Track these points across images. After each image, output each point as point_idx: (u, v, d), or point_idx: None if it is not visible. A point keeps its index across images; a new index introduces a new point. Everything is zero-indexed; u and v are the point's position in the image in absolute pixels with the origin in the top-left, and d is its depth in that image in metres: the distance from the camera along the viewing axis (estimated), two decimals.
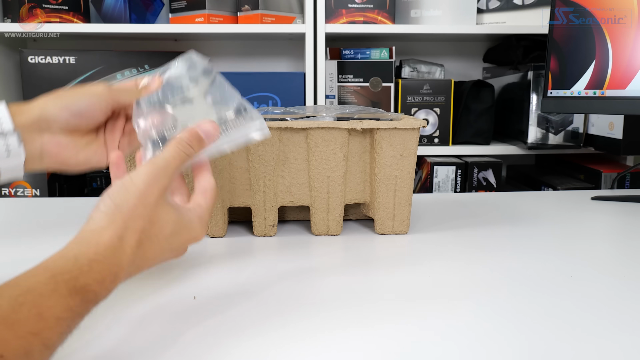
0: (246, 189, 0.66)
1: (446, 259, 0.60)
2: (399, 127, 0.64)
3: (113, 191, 0.40)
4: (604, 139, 1.26)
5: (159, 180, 0.41)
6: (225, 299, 0.48)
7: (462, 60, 1.64)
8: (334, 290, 0.50)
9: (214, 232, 0.66)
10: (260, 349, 0.39)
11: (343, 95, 1.39)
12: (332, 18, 1.34)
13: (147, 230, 0.40)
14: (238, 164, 0.65)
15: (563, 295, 0.49)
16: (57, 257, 0.36)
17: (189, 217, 0.44)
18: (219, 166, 0.64)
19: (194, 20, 1.35)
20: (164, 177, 0.42)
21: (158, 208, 0.41)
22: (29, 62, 1.36)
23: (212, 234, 0.66)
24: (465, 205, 0.85)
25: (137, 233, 0.39)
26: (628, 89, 0.87)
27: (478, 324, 0.43)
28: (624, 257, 0.61)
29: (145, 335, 0.41)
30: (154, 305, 0.46)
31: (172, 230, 0.42)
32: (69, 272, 0.35)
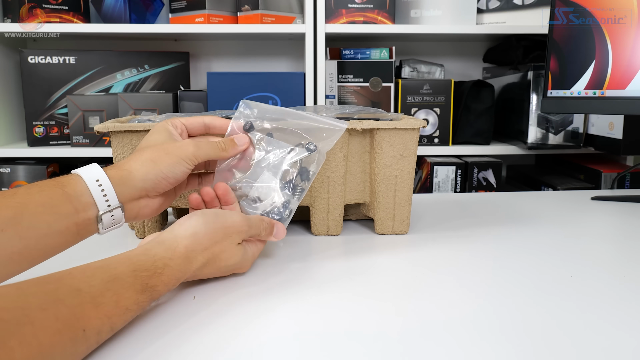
0: None
1: (446, 258, 0.60)
2: (399, 127, 0.64)
3: (208, 213, 0.49)
4: (604, 139, 1.26)
5: (244, 230, 0.51)
6: (225, 299, 0.48)
7: (462, 60, 1.64)
8: (334, 290, 0.50)
9: None
10: (260, 349, 0.39)
11: (343, 95, 1.39)
12: (332, 18, 1.34)
13: (216, 255, 0.48)
14: None
15: (563, 295, 0.49)
16: (140, 252, 0.43)
17: (247, 256, 0.52)
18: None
19: (194, 20, 1.35)
20: (248, 231, 0.51)
21: (233, 244, 0.50)
22: (29, 62, 1.36)
23: None
24: (465, 205, 0.85)
25: (208, 253, 0.48)
26: (628, 89, 0.87)
27: (478, 323, 0.43)
28: (624, 257, 0.61)
29: (145, 335, 0.41)
30: (154, 305, 0.46)
31: (233, 264, 0.51)
32: (147, 270, 0.42)
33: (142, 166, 0.50)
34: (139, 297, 0.40)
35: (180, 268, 0.45)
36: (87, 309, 0.36)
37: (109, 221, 0.48)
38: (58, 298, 0.35)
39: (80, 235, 0.46)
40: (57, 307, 0.34)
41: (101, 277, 0.38)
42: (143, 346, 0.39)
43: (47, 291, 0.35)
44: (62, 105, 1.38)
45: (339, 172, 0.65)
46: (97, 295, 0.37)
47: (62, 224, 0.44)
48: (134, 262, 0.42)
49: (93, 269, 0.39)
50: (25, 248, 0.42)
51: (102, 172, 0.47)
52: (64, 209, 0.44)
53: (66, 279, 0.37)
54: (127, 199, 0.49)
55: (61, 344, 0.33)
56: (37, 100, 1.37)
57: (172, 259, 0.44)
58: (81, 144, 1.33)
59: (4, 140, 1.42)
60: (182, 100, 1.32)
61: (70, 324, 0.34)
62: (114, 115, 1.32)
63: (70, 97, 1.31)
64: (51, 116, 1.37)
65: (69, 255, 0.47)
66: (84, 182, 0.46)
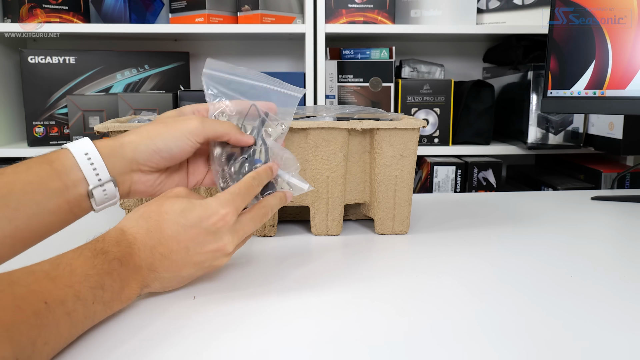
0: None
1: (446, 259, 0.60)
2: (399, 127, 0.64)
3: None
4: (604, 139, 1.26)
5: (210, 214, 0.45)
6: (225, 299, 0.48)
7: (462, 60, 1.64)
8: (333, 290, 0.50)
9: None
10: (260, 349, 0.39)
11: (343, 95, 1.39)
12: (332, 18, 1.34)
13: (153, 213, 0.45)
14: None
15: (563, 295, 0.49)
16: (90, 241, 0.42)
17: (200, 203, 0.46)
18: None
19: (194, 20, 1.35)
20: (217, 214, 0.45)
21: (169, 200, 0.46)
22: (29, 62, 1.36)
23: None
24: (465, 205, 0.85)
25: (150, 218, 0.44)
26: (628, 89, 0.87)
27: (478, 323, 0.43)
28: (624, 257, 0.61)
29: (144, 335, 0.41)
30: (154, 305, 0.46)
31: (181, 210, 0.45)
32: (94, 243, 0.41)
33: (136, 137, 0.48)
34: (93, 261, 0.39)
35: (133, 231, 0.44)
36: (43, 283, 0.36)
37: (102, 197, 0.46)
38: (12, 280, 0.34)
39: (74, 213, 0.45)
40: (13, 287, 0.34)
41: (49, 260, 0.38)
42: (143, 346, 0.39)
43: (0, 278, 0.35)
44: (62, 105, 1.38)
45: (339, 172, 0.65)
46: (50, 270, 0.37)
47: (53, 202, 0.43)
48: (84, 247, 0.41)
49: (41, 261, 0.38)
50: (16, 229, 0.41)
51: (91, 144, 0.45)
52: (53, 186, 0.43)
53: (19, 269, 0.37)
54: (119, 172, 0.47)
55: (24, 318, 0.33)
56: (37, 100, 1.36)
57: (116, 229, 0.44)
58: None
59: (4, 140, 1.42)
60: (182, 100, 1.32)
61: (29, 299, 0.34)
62: (114, 115, 1.32)
63: (70, 97, 1.31)
64: (51, 116, 1.37)
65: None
66: (72, 156, 0.44)
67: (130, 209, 0.65)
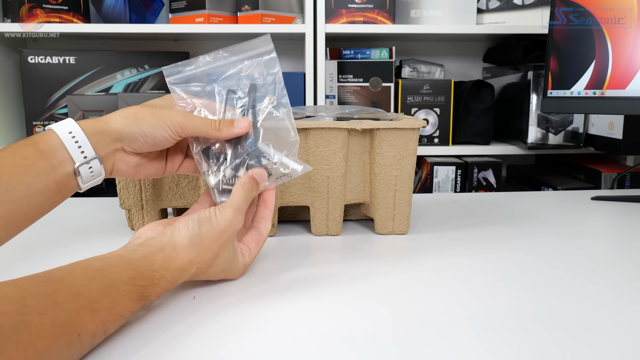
0: None
1: (446, 259, 0.60)
2: (399, 127, 0.64)
3: (202, 219, 0.47)
4: (604, 139, 1.27)
5: (236, 224, 0.48)
6: (225, 299, 0.48)
7: (462, 60, 1.64)
8: (333, 290, 0.50)
9: None
10: (260, 349, 0.39)
11: (343, 95, 1.39)
12: (332, 18, 1.34)
13: (209, 261, 0.47)
14: None
15: (563, 295, 0.49)
16: (141, 257, 0.42)
17: (238, 262, 0.51)
18: None
19: (194, 20, 1.35)
20: (240, 221, 0.49)
21: (225, 247, 0.49)
22: (29, 62, 1.36)
23: None
24: (465, 205, 0.85)
25: (203, 263, 0.47)
26: (628, 89, 0.87)
27: (478, 323, 0.43)
28: (624, 257, 0.61)
29: (144, 335, 0.41)
30: (154, 305, 0.46)
31: (224, 268, 0.50)
32: (144, 280, 0.41)
33: (123, 119, 0.49)
34: (133, 306, 0.40)
35: (174, 280, 0.44)
36: (83, 313, 0.36)
37: (88, 174, 0.47)
38: (56, 302, 0.34)
39: (62, 192, 0.46)
40: (55, 311, 0.34)
41: (101, 281, 0.38)
42: (143, 346, 0.39)
43: (46, 293, 0.35)
44: (62, 105, 1.38)
45: (339, 172, 0.65)
46: (94, 300, 0.37)
47: (41, 182, 0.43)
48: (134, 268, 0.41)
49: (93, 271, 0.39)
50: (8, 212, 0.42)
51: (75, 124, 0.46)
52: (40, 166, 0.43)
53: (66, 280, 0.37)
54: (103, 149, 0.48)
55: (57, 348, 0.33)
56: (37, 100, 1.37)
57: (169, 270, 0.44)
58: None
59: (4, 140, 1.42)
60: None
61: (66, 329, 0.34)
62: None
63: (70, 97, 1.31)
64: (51, 116, 1.37)
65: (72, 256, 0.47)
66: (57, 136, 0.45)
67: (131, 209, 0.65)
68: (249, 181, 0.51)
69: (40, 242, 0.63)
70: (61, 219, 0.74)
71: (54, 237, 0.66)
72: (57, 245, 0.63)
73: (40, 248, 0.62)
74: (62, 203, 0.48)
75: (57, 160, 0.45)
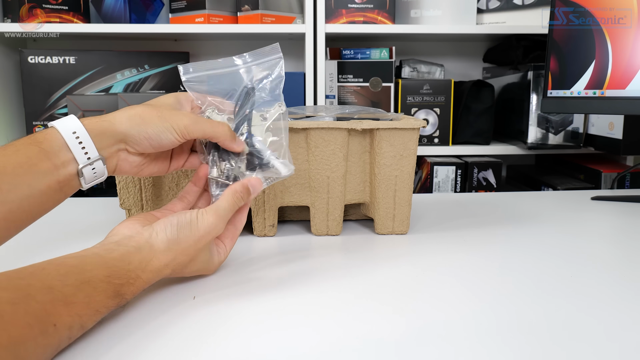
0: None
1: (446, 259, 0.60)
2: (399, 127, 0.64)
3: (182, 223, 0.47)
4: (604, 139, 1.26)
5: (216, 231, 0.49)
6: (225, 299, 0.48)
7: (462, 60, 1.64)
8: (334, 290, 0.50)
9: None
10: (260, 349, 0.39)
11: (343, 95, 1.39)
12: (332, 18, 1.34)
13: (185, 264, 0.48)
14: None
15: (563, 295, 0.49)
16: (117, 257, 0.43)
17: (213, 261, 0.52)
18: None
19: (194, 20, 1.35)
20: (221, 228, 0.49)
21: (202, 251, 0.49)
22: (29, 62, 1.36)
23: None
24: (465, 205, 0.85)
25: (178, 266, 0.47)
26: (628, 89, 0.87)
27: (478, 324, 0.43)
28: (623, 257, 0.61)
29: (144, 335, 0.41)
30: (154, 305, 0.46)
31: (199, 268, 0.50)
32: (120, 278, 0.42)
33: (128, 120, 0.48)
34: (109, 302, 0.41)
35: (148, 280, 0.45)
36: (58, 306, 0.36)
37: (91, 175, 0.46)
38: (29, 294, 0.35)
39: (64, 192, 0.46)
40: (28, 302, 0.34)
41: (75, 278, 0.38)
42: (142, 345, 0.39)
43: (18, 286, 0.35)
44: (62, 105, 1.38)
45: (339, 172, 0.65)
46: (69, 294, 0.37)
47: (43, 182, 0.43)
48: (109, 267, 0.41)
49: (67, 268, 0.39)
50: (9, 212, 0.41)
51: (79, 123, 0.46)
52: (42, 167, 0.43)
53: (39, 275, 0.37)
54: (107, 150, 0.47)
55: (32, 336, 0.33)
56: (37, 100, 1.37)
57: (144, 271, 0.44)
58: None
59: (4, 140, 1.42)
60: None
61: (40, 318, 0.34)
62: None
63: (70, 97, 1.31)
64: (51, 116, 1.37)
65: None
66: (60, 136, 0.44)
67: (131, 209, 0.65)
68: (242, 190, 0.51)
69: (40, 242, 0.63)
70: (61, 219, 0.74)
71: (54, 237, 0.66)
72: (57, 245, 0.63)
73: (40, 248, 0.62)
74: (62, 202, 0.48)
75: (60, 161, 0.44)
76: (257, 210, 0.66)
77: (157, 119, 0.49)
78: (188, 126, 0.49)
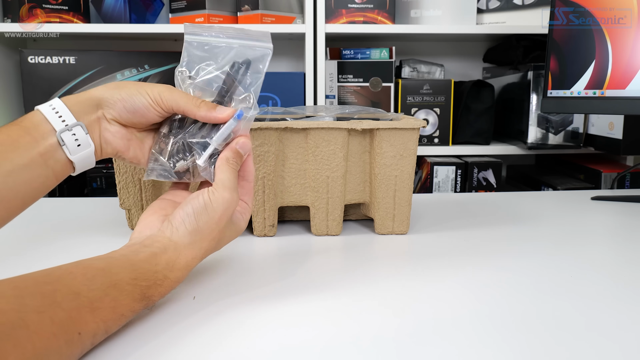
0: None
1: (446, 259, 0.60)
2: (399, 127, 0.64)
3: (197, 210, 0.45)
4: (604, 139, 1.26)
5: (233, 204, 0.47)
6: (225, 299, 0.48)
7: (462, 60, 1.64)
8: (333, 290, 0.50)
9: None
10: (260, 350, 0.39)
11: (343, 95, 1.39)
12: (332, 18, 1.34)
13: (212, 247, 0.48)
14: None
15: (563, 295, 0.49)
16: (144, 259, 0.42)
17: (240, 225, 0.50)
18: None
19: (194, 20, 1.35)
20: (236, 199, 0.48)
21: (226, 228, 0.48)
22: (29, 62, 1.36)
23: None
24: (465, 205, 0.85)
25: (207, 252, 0.47)
26: (628, 89, 0.87)
27: (478, 323, 0.43)
28: (623, 258, 0.61)
29: (144, 335, 0.41)
30: (154, 305, 0.46)
31: (228, 240, 0.50)
32: (147, 280, 0.41)
33: (104, 87, 0.48)
34: (135, 305, 0.40)
35: (177, 279, 0.44)
36: (83, 312, 0.35)
37: (73, 143, 0.45)
38: (55, 301, 0.34)
39: (50, 167, 0.45)
40: (54, 310, 0.34)
41: (101, 282, 0.38)
42: (142, 345, 0.39)
43: (44, 292, 0.34)
44: None
45: (339, 172, 0.65)
46: (95, 299, 0.37)
47: (25, 156, 0.43)
48: (136, 269, 0.41)
49: (94, 271, 0.39)
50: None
51: (58, 99, 0.46)
52: (23, 141, 0.43)
53: (66, 279, 0.37)
54: (86, 117, 0.47)
55: (56, 346, 0.33)
56: (37, 100, 1.36)
57: (172, 271, 0.43)
58: None
59: None
60: None
61: (66, 327, 0.34)
62: None
63: None
64: None
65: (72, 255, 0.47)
66: (40, 112, 0.45)
67: (131, 209, 0.65)
68: (234, 156, 0.49)
69: (40, 242, 0.63)
70: (61, 219, 0.74)
71: (54, 237, 0.66)
72: (57, 245, 0.63)
73: (40, 247, 0.62)
74: (61, 201, 0.48)
75: (39, 133, 0.44)
76: (257, 210, 0.66)
77: (133, 85, 0.49)
78: (162, 92, 0.49)
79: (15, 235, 0.66)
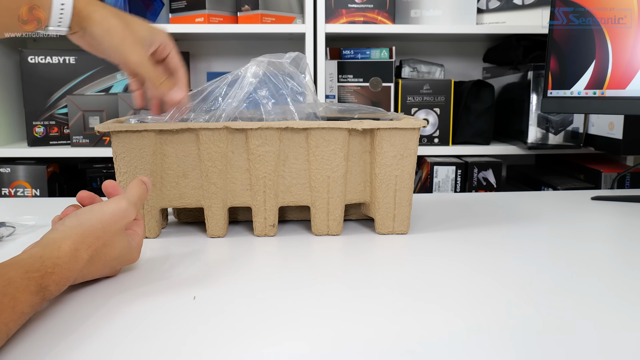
0: (246, 189, 0.66)
1: (446, 259, 0.60)
2: (399, 127, 0.64)
3: (81, 211, 0.48)
4: (604, 139, 1.27)
5: (126, 215, 0.49)
6: (225, 299, 0.48)
7: (462, 60, 1.64)
8: (334, 290, 0.50)
9: (214, 232, 0.66)
10: (260, 349, 0.39)
11: (343, 95, 1.39)
12: (332, 18, 1.34)
13: (99, 250, 0.48)
14: (238, 164, 0.65)
15: (562, 296, 0.49)
16: (26, 256, 0.42)
17: (131, 245, 0.52)
18: (219, 166, 0.64)
19: (194, 20, 1.35)
20: (130, 215, 0.50)
21: (116, 237, 0.49)
22: (29, 62, 1.35)
23: (212, 234, 0.66)
24: (465, 205, 0.85)
25: (90, 249, 0.47)
26: (628, 89, 0.87)
27: (477, 323, 0.43)
28: (623, 258, 0.61)
29: (144, 335, 0.41)
30: (154, 305, 0.46)
31: (118, 254, 0.51)
32: (37, 270, 0.41)
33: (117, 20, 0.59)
34: (33, 299, 0.40)
35: (69, 267, 0.44)
36: None
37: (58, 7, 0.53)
38: None
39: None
40: None
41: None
42: (143, 345, 0.39)
43: None
44: (62, 105, 1.38)
45: (339, 172, 0.65)
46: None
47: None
48: (23, 265, 0.41)
49: None
50: None
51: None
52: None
53: None
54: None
55: None
56: (37, 100, 1.36)
57: (59, 257, 0.43)
58: (81, 144, 1.33)
59: (4, 140, 1.42)
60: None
61: None
62: (114, 115, 1.32)
63: (70, 97, 1.31)
64: (51, 116, 1.37)
65: None
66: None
67: None
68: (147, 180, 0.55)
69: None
70: None
71: None
72: None
73: None
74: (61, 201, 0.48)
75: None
76: (258, 210, 0.66)
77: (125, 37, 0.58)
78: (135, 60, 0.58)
79: (15, 235, 0.66)
